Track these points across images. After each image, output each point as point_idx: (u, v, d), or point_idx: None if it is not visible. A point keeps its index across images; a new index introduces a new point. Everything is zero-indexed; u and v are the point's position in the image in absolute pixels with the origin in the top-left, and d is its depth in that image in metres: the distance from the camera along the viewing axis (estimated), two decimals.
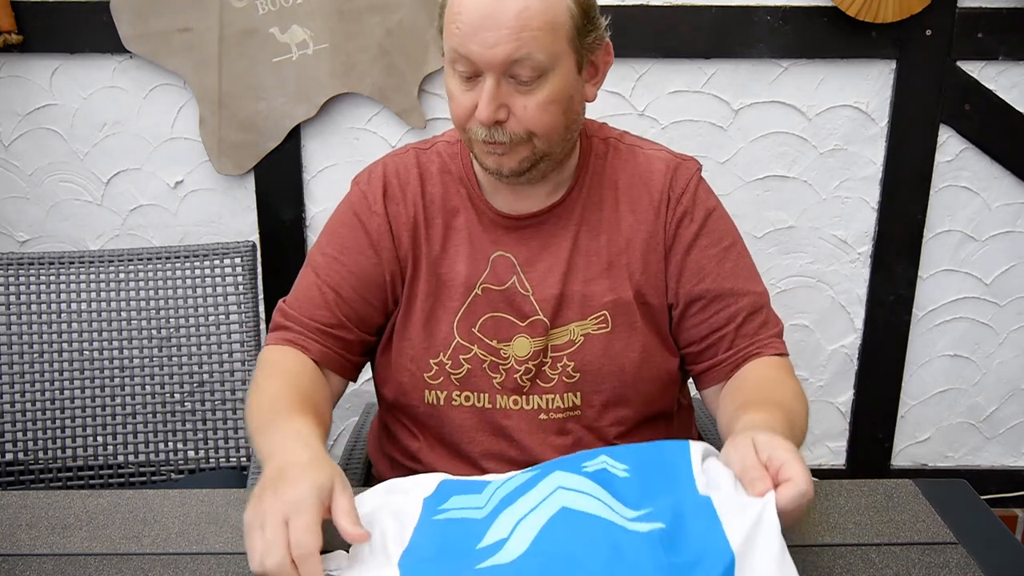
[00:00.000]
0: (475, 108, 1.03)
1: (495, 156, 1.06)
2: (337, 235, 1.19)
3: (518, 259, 1.14)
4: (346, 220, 1.18)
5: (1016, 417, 2.19)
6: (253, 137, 1.91)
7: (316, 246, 1.20)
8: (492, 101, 1.01)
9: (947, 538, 0.93)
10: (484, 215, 1.15)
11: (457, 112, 1.06)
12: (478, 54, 1.00)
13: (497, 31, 0.98)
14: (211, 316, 1.56)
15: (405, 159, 1.19)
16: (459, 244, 1.15)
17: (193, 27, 1.84)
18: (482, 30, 0.98)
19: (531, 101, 1.03)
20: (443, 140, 1.21)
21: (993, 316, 2.09)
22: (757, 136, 1.95)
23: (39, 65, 1.89)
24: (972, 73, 1.91)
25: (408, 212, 1.16)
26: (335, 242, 1.18)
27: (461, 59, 1.01)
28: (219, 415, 1.57)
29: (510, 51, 0.99)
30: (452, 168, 1.17)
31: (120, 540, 0.94)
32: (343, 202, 1.21)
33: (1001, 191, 2.00)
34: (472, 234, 1.15)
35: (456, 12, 1.00)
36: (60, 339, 1.54)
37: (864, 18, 1.82)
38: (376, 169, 1.20)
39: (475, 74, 1.02)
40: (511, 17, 0.98)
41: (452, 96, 1.06)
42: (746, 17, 1.86)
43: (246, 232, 2.00)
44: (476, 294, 1.14)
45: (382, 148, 1.94)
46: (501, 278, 1.14)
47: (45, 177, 1.97)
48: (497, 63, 1.00)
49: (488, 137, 1.04)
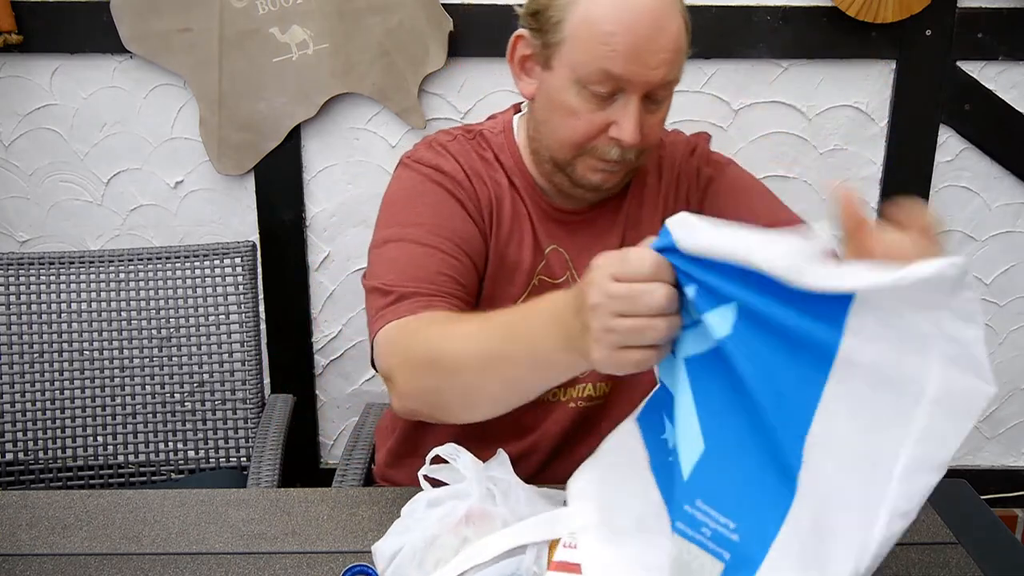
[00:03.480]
0: (605, 127, 1.01)
1: (607, 174, 1.05)
2: (422, 204, 1.08)
3: (569, 254, 1.14)
4: (426, 189, 1.09)
5: (1016, 417, 2.19)
6: (253, 137, 1.91)
7: (389, 228, 1.08)
8: (640, 123, 1.00)
9: (947, 538, 0.93)
10: (539, 207, 1.14)
11: (583, 130, 1.02)
12: (637, 75, 0.97)
13: (659, 54, 0.97)
14: (211, 316, 1.56)
15: (460, 143, 1.14)
16: (523, 232, 1.13)
17: (193, 27, 1.83)
18: (645, 54, 0.96)
19: (655, 119, 1.03)
20: (486, 130, 1.17)
21: (993, 316, 2.09)
22: (757, 136, 1.95)
23: (39, 65, 1.89)
24: (972, 73, 1.91)
25: (483, 189, 1.11)
26: (422, 211, 1.07)
27: (609, 79, 0.98)
28: (219, 415, 1.56)
29: (665, 73, 0.98)
30: (502, 159, 1.14)
31: (120, 540, 0.94)
32: (407, 179, 1.12)
33: (1001, 191, 2.00)
34: (530, 224, 1.14)
35: (608, 32, 0.96)
36: (60, 339, 1.54)
37: (864, 18, 1.82)
38: (435, 147, 1.13)
39: (612, 93, 0.99)
40: (671, 40, 0.97)
41: (576, 114, 1.01)
42: (746, 17, 1.86)
43: (246, 232, 2.00)
44: (534, 284, 1.13)
45: (382, 148, 1.94)
46: (555, 272, 1.13)
47: (45, 177, 1.97)
48: (652, 84, 0.99)
49: (619, 157, 1.03)
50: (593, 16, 0.97)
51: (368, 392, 2.11)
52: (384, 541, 0.84)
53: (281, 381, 2.08)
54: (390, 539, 0.84)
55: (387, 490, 1.12)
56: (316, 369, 2.11)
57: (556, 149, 1.06)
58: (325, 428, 2.17)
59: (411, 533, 0.82)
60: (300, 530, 0.96)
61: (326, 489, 1.07)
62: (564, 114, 1.02)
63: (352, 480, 1.30)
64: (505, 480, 0.86)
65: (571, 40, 0.99)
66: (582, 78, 0.99)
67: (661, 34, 0.97)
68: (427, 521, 0.83)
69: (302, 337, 2.07)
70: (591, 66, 0.98)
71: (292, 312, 2.05)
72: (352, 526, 0.97)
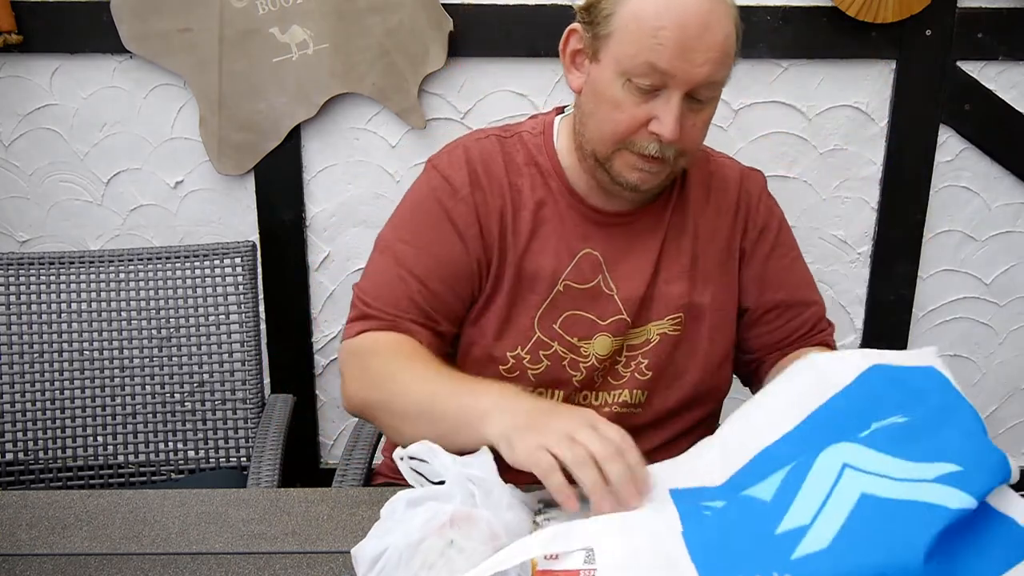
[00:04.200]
0: (646, 122, 1.02)
1: (643, 173, 1.05)
2: (417, 222, 1.12)
3: (604, 257, 1.14)
4: (427, 207, 1.12)
5: (1016, 417, 2.19)
6: (253, 137, 1.91)
7: (390, 231, 1.14)
8: (680, 118, 1.01)
9: None
10: (575, 209, 1.14)
11: (625, 123, 1.03)
12: (682, 71, 0.98)
13: (707, 52, 0.98)
14: (211, 316, 1.56)
15: (487, 146, 1.15)
16: (546, 237, 1.13)
17: (193, 27, 1.84)
18: (692, 50, 0.97)
19: (699, 120, 1.04)
20: (526, 131, 1.17)
21: (993, 316, 2.09)
22: (757, 136, 1.95)
23: (39, 65, 1.89)
24: (972, 73, 1.91)
25: (496, 201, 1.12)
26: (415, 229, 1.12)
27: (654, 72, 0.99)
28: (219, 415, 1.56)
29: (711, 72, 0.99)
30: (539, 160, 1.15)
31: (120, 540, 0.94)
32: (420, 185, 1.15)
33: (1001, 191, 2.00)
34: (560, 228, 1.13)
35: (658, 27, 0.97)
36: (60, 339, 1.54)
37: (864, 18, 1.82)
38: (457, 152, 1.14)
39: (656, 88, 1.00)
40: (721, 40, 0.99)
41: (620, 106, 1.02)
42: (746, 17, 1.83)
43: (246, 232, 2.00)
44: (558, 290, 1.13)
45: (382, 148, 1.95)
46: (586, 276, 1.13)
47: (45, 177, 1.97)
48: (696, 82, 0.99)
49: (658, 152, 1.03)
50: (643, 10, 0.99)
51: None
52: (366, 544, 0.83)
53: (281, 381, 2.08)
54: (372, 542, 0.83)
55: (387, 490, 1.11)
56: (316, 369, 2.11)
57: (597, 142, 1.07)
58: (325, 428, 2.17)
59: (393, 535, 0.81)
60: (300, 530, 0.96)
61: (326, 489, 1.07)
62: (608, 106, 1.04)
63: (352, 480, 1.29)
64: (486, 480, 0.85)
65: (620, 32, 1.01)
66: (628, 70, 1.00)
67: (709, 33, 0.98)
68: (409, 523, 0.82)
69: (302, 337, 2.07)
70: (637, 58, 0.99)
71: (292, 312, 2.05)
72: (352, 526, 0.97)
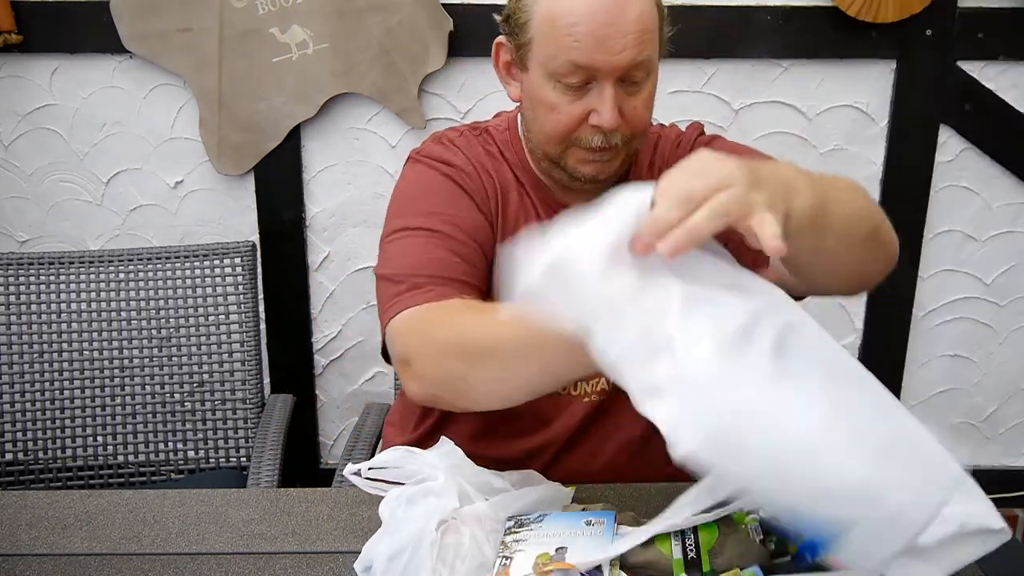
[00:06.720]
0: (585, 117, 1.02)
1: (598, 164, 1.06)
2: (432, 200, 1.09)
3: None
4: (436, 185, 1.10)
5: (1016, 417, 2.19)
6: (253, 137, 1.91)
7: (401, 219, 1.09)
8: (616, 106, 1.01)
9: None
10: (545, 202, 1.14)
11: (564, 123, 1.03)
12: (603, 62, 0.99)
13: (623, 37, 0.98)
14: (211, 316, 1.56)
15: (465, 138, 1.15)
16: (529, 226, 1.13)
17: (193, 27, 1.83)
18: (607, 39, 0.98)
19: (638, 101, 1.04)
20: (492, 126, 1.18)
21: (993, 316, 2.09)
22: (757, 136, 1.95)
23: (39, 65, 1.89)
24: (972, 73, 1.91)
25: (488, 182, 1.12)
26: (432, 207, 1.08)
27: (578, 70, 0.99)
28: (219, 415, 1.56)
29: (634, 55, 0.99)
30: (507, 155, 1.15)
31: (120, 540, 0.94)
32: (418, 174, 1.13)
33: (1001, 191, 2.00)
34: (538, 219, 1.14)
35: (570, 24, 0.98)
36: (60, 339, 1.54)
37: (864, 18, 1.82)
38: (442, 142, 1.15)
39: (586, 83, 1.01)
40: (633, 21, 0.98)
41: (555, 108, 1.03)
42: (746, 17, 1.86)
43: (246, 232, 2.00)
44: None
45: (382, 148, 1.94)
46: None
47: (45, 177, 1.97)
48: (622, 68, 0.99)
49: (604, 143, 1.03)
50: (554, 11, 1.00)
51: (368, 392, 2.11)
52: (379, 542, 0.83)
53: (281, 381, 2.08)
54: (386, 539, 0.83)
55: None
56: (316, 369, 2.11)
57: (545, 144, 1.08)
58: (325, 428, 2.17)
59: (402, 533, 0.82)
60: (300, 530, 0.96)
61: (326, 489, 1.07)
62: (545, 110, 1.04)
63: None
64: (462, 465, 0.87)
65: (538, 37, 1.02)
66: (553, 72, 1.01)
67: (622, 18, 0.98)
68: (416, 521, 0.82)
69: (302, 337, 2.07)
70: (559, 59, 1.00)
71: (292, 312, 2.05)
72: (352, 526, 0.97)
